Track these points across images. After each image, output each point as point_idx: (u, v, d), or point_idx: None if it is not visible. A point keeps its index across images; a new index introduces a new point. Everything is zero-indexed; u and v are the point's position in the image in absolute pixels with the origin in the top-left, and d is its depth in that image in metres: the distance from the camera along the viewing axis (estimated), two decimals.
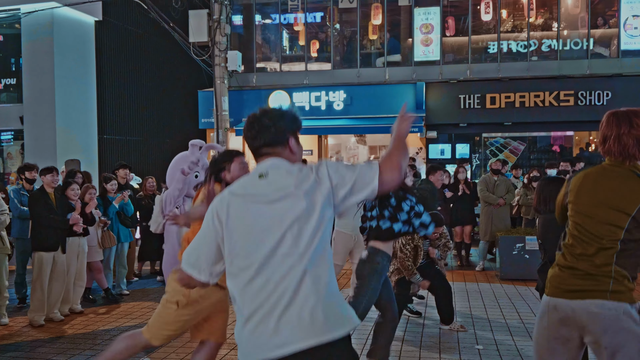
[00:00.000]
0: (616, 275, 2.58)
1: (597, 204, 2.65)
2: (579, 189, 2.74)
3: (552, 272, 2.78)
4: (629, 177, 2.63)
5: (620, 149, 2.64)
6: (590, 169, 2.78)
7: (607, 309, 2.55)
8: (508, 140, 15.01)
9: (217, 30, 13.92)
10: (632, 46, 13.89)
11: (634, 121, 2.63)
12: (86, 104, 14.91)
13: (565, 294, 2.65)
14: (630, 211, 2.56)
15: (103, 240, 7.46)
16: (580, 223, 2.70)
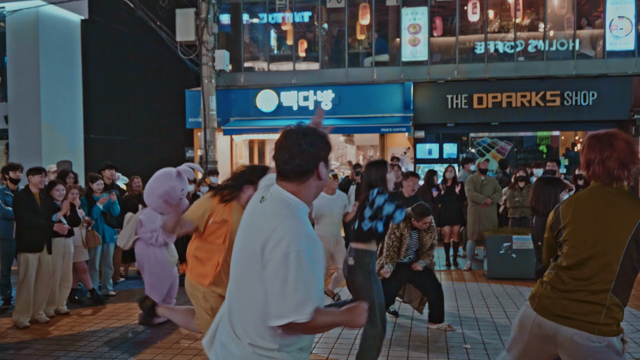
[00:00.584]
0: (610, 305, 2.58)
1: (595, 225, 2.65)
2: (574, 212, 2.74)
3: (543, 290, 2.76)
4: (620, 195, 2.66)
5: (605, 172, 2.68)
6: (580, 193, 2.80)
7: (591, 341, 2.56)
8: (495, 140, 15.10)
9: (204, 29, 13.86)
10: (618, 47, 14.02)
11: (615, 144, 2.68)
12: (72, 104, 14.78)
13: (553, 317, 2.65)
14: (630, 230, 2.57)
15: (87, 240, 7.39)
16: (577, 247, 2.69)
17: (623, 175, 2.67)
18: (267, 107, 14.98)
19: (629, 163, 2.67)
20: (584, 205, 2.72)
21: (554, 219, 2.83)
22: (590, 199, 2.72)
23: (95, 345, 5.70)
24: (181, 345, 5.66)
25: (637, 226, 2.56)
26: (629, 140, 2.71)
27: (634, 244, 2.57)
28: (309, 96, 14.89)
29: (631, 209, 2.61)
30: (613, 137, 2.70)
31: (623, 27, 13.92)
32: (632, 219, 2.58)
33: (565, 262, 2.71)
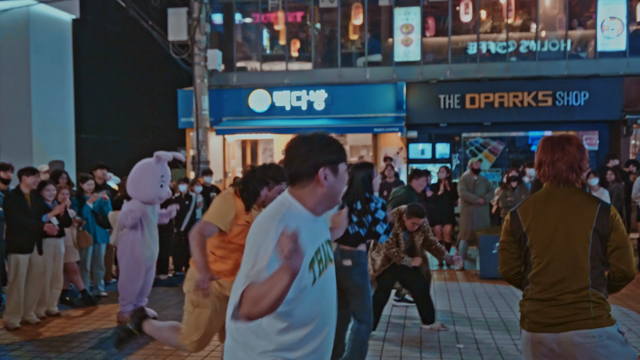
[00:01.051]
0: (594, 299, 2.58)
1: (557, 224, 2.68)
2: (534, 215, 2.75)
3: (527, 307, 2.73)
4: (576, 192, 2.74)
5: (554, 174, 2.75)
6: (535, 195, 2.84)
7: (592, 336, 2.55)
8: (487, 140, 15.14)
9: (196, 29, 13.81)
10: (609, 47, 14.09)
11: (566, 148, 2.75)
12: (63, 103, 14.69)
13: (547, 327, 2.63)
14: (591, 223, 2.63)
15: (79, 241, 7.34)
16: (544, 248, 2.69)
17: (571, 177, 2.74)
18: (259, 107, 14.95)
19: (577, 167, 2.74)
20: (542, 206, 2.75)
21: (514, 224, 2.80)
22: (546, 199, 2.76)
23: (86, 347, 5.66)
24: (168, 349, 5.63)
25: (596, 218, 2.62)
26: (580, 145, 2.79)
27: (596, 237, 2.63)
28: (301, 96, 14.87)
29: (587, 204, 2.68)
30: (566, 140, 2.78)
31: (614, 27, 13.99)
32: (590, 212, 2.64)
33: (537, 268, 2.71)
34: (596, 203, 2.67)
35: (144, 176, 6.08)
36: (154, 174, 6.04)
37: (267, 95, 14.95)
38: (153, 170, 6.07)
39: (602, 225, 2.62)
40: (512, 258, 2.87)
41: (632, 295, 7.49)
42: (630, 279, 2.69)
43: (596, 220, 2.62)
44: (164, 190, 6.18)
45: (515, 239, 2.82)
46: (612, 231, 2.63)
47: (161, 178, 6.08)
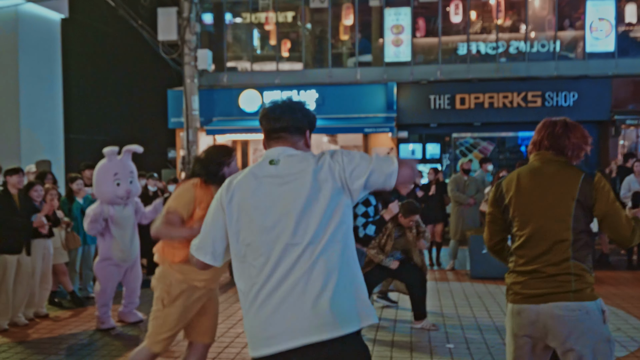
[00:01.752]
0: (576, 271, 2.57)
1: (539, 196, 2.67)
2: (517, 188, 2.74)
3: (510, 278, 2.75)
4: (559, 164, 2.71)
5: (558, 147, 2.74)
6: (521, 168, 2.82)
7: (571, 310, 2.55)
8: (477, 141, 15.20)
9: (186, 29, 13.76)
10: (598, 48, 14.20)
11: (570, 127, 2.76)
12: (52, 103, 14.58)
13: (528, 299, 2.63)
14: (574, 194, 2.59)
15: (67, 242, 7.29)
16: (526, 221, 2.69)
17: (570, 153, 2.74)
18: (250, 107, 14.92)
19: (577, 148, 2.74)
20: (525, 179, 2.74)
21: (498, 195, 2.81)
22: (531, 172, 2.75)
23: (75, 348, 5.62)
24: None
25: (579, 189, 2.60)
26: (584, 132, 2.79)
27: (579, 208, 2.60)
28: (292, 96, 14.85)
29: (571, 175, 2.65)
30: (571, 123, 2.79)
31: (603, 28, 14.10)
32: (573, 183, 2.61)
33: (519, 241, 2.71)
34: (580, 173, 2.64)
35: (98, 177, 6.00)
36: (106, 173, 5.91)
37: (258, 96, 14.93)
38: (105, 169, 5.94)
39: (585, 195, 2.59)
40: (497, 230, 2.87)
41: (621, 295, 7.55)
42: (627, 246, 2.69)
43: (579, 191, 2.59)
44: (121, 188, 5.89)
45: (499, 211, 2.82)
46: (597, 201, 2.60)
47: (114, 176, 5.86)
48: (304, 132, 2.31)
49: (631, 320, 6.32)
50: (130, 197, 6.01)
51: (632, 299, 7.34)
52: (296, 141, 2.28)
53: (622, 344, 5.53)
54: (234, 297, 7.54)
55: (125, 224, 6.05)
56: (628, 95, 14.06)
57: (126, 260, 6.11)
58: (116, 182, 5.87)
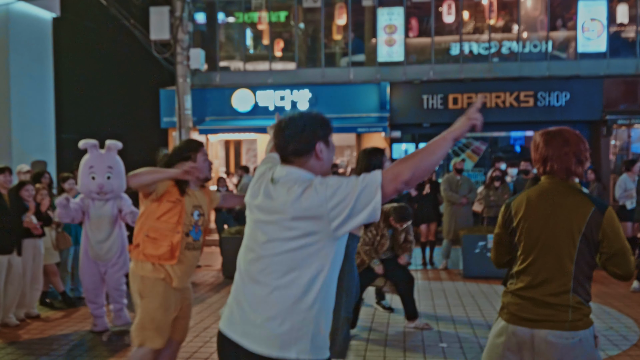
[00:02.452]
0: (573, 304, 2.58)
1: (546, 223, 2.64)
2: (525, 212, 2.70)
3: (509, 299, 2.74)
4: (571, 192, 2.65)
5: (564, 168, 2.68)
6: (530, 190, 2.77)
7: (565, 338, 2.55)
8: (470, 140, 15.23)
9: (179, 28, 13.71)
10: (589, 49, 14.26)
11: (569, 139, 2.69)
12: (43, 103, 14.50)
13: (524, 322, 2.64)
14: (581, 228, 2.56)
15: (58, 242, 7.24)
16: (531, 247, 2.67)
17: (579, 171, 2.69)
18: (243, 106, 14.90)
19: (583, 158, 2.69)
20: (535, 203, 2.70)
21: (506, 216, 2.78)
22: (540, 196, 2.70)
23: (67, 349, 5.58)
24: None
25: (587, 223, 2.56)
26: (580, 136, 2.74)
27: (585, 242, 2.57)
28: (285, 96, 14.85)
29: (581, 205, 2.60)
30: (567, 132, 2.72)
31: (595, 29, 14.17)
32: (582, 216, 2.57)
33: (522, 265, 2.70)
34: (590, 206, 2.58)
35: (80, 169, 5.93)
36: (83, 166, 5.79)
37: (251, 95, 14.90)
38: (83, 161, 5.86)
39: (592, 230, 2.56)
40: (504, 252, 2.85)
41: (614, 294, 7.58)
42: (627, 280, 2.67)
43: (586, 225, 2.55)
44: (94, 182, 5.68)
45: (507, 233, 2.80)
46: (605, 238, 2.55)
47: (90, 169, 5.69)
48: (312, 148, 2.30)
49: (623, 319, 6.35)
50: (104, 192, 5.72)
51: (624, 297, 7.38)
52: (304, 162, 2.31)
53: (614, 342, 5.55)
54: (226, 297, 7.52)
55: (100, 221, 5.79)
56: (619, 95, 14.14)
57: (101, 258, 5.84)
58: (91, 176, 5.68)
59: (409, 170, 2.13)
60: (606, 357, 5.16)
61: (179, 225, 3.77)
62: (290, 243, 2.16)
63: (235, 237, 8.64)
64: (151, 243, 3.77)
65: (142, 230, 3.83)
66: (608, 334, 5.84)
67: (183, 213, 3.80)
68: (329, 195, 2.11)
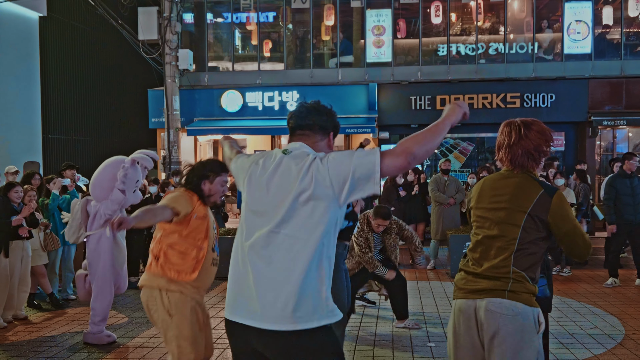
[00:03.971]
0: (514, 276, 2.63)
1: (494, 205, 2.74)
2: (479, 194, 2.82)
3: (457, 276, 2.85)
4: (525, 179, 2.73)
5: (510, 158, 2.76)
6: (489, 176, 2.90)
7: (504, 307, 2.59)
8: (457, 141, 15.33)
9: (167, 28, 13.67)
10: (575, 50, 14.41)
11: (523, 132, 2.74)
12: (29, 103, 14.39)
13: (468, 294, 2.71)
14: (526, 208, 2.64)
15: (46, 243, 7.21)
16: (479, 226, 2.78)
17: (527, 163, 2.74)
18: (231, 107, 14.88)
19: (535, 153, 2.73)
20: (488, 187, 2.81)
21: (468, 199, 2.96)
22: (495, 181, 2.81)
23: (55, 351, 5.57)
24: (144, 350, 5.58)
25: (533, 205, 2.63)
26: (542, 129, 2.77)
27: (530, 222, 2.64)
28: (274, 96, 14.86)
29: (529, 190, 2.68)
30: (525, 125, 2.76)
31: (580, 30, 14.32)
32: (529, 198, 2.65)
33: (472, 243, 2.81)
34: (539, 189, 2.66)
35: (107, 173, 5.68)
36: (128, 179, 5.57)
37: (239, 96, 14.89)
38: (127, 175, 5.60)
39: (539, 211, 2.62)
40: None
41: (599, 293, 7.68)
42: (582, 260, 2.77)
43: (532, 207, 2.63)
44: (136, 196, 5.79)
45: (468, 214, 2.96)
46: (553, 220, 2.63)
47: (136, 183, 5.69)
48: (327, 133, 2.47)
49: (608, 318, 6.44)
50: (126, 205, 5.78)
51: (609, 296, 7.48)
52: (318, 140, 2.45)
53: (599, 341, 5.63)
54: (215, 297, 7.53)
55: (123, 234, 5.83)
56: (604, 96, 14.30)
57: (122, 265, 5.81)
58: (133, 189, 5.66)
59: (416, 145, 2.26)
60: (591, 355, 5.24)
61: (205, 240, 3.74)
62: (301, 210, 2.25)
63: (224, 237, 8.63)
64: (178, 255, 3.68)
65: (163, 244, 3.72)
66: (593, 333, 5.92)
67: (210, 229, 3.78)
68: (332, 167, 2.23)
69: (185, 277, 3.67)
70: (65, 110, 16.09)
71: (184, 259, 3.69)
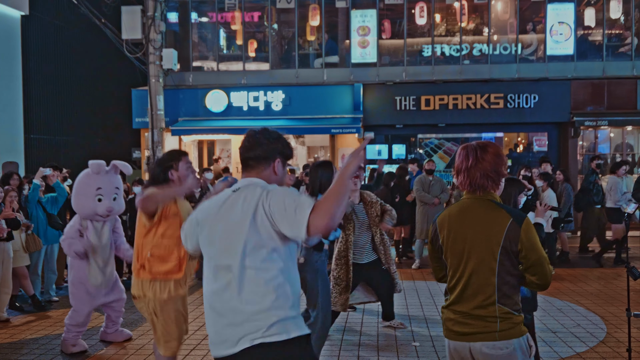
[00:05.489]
0: (500, 314, 2.65)
1: (466, 239, 2.73)
2: (448, 229, 2.81)
3: (445, 315, 2.84)
4: (489, 207, 2.74)
5: (469, 181, 2.78)
6: (452, 206, 2.88)
7: (499, 348, 2.63)
8: (442, 141, 15.41)
9: (151, 28, 13.58)
10: (557, 51, 14.55)
11: (479, 154, 2.77)
12: (11, 102, 14.21)
13: (459, 337, 2.73)
14: (499, 240, 2.64)
15: (28, 245, 7.12)
16: (456, 264, 2.77)
17: (486, 184, 2.75)
18: (216, 107, 14.82)
19: (493, 174, 2.75)
20: (455, 220, 2.80)
21: (433, 233, 2.90)
22: (460, 213, 2.80)
23: (37, 354, 5.50)
24: (127, 352, 5.54)
25: (505, 236, 2.64)
26: (497, 152, 2.80)
27: (505, 254, 2.66)
28: (259, 96, 14.82)
29: (498, 220, 2.68)
30: (480, 147, 2.80)
31: (563, 32, 14.47)
32: (500, 229, 2.66)
33: (452, 281, 2.81)
34: (507, 219, 2.67)
35: (78, 189, 5.38)
36: (87, 186, 5.32)
37: (224, 96, 14.83)
38: (86, 181, 5.36)
39: (510, 242, 2.64)
40: (438, 267, 2.96)
41: (581, 292, 7.77)
42: (544, 289, 2.80)
43: (504, 238, 2.64)
44: (102, 205, 5.30)
45: (435, 249, 2.91)
46: (524, 249, 2.64)
47: (97, 191, 5.29)
48: (270, 162, 2.54)
49: (590, 317, 6.51)
50: (111, 215, 5.44)
51: (591, 295, 7.56)
52: (262, 170, 2.54)
53: (581, 339, 5.70)
54: (200, 299, 7.48)
55: (100, 244, 5.44)
56: (586, 97, 14.46)
57: (101, 285, 5.48)
58: (97, 198, 5.28)
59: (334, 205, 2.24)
60: (574, 353, 5.30)
61: None
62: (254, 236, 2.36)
63: None
64: (158, 261, 3.85)
65: (145, 250, 3.87)
66: (576, 331, 5.99)
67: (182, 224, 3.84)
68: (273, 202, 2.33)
69: (174, 276, 3.88)
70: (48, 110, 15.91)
71: (167, 261, 3.86)
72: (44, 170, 7.53)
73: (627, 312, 4.41)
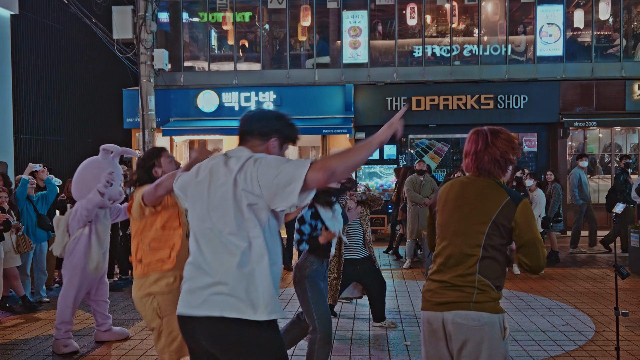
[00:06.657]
0: (479, 285, 2.65)
1: (459, 211, 2.75)
2: (446, 198, 2.83)
3: (425, 286, 2.85)
4: (490, 185, 2.76)
5: (476, 165, 2.78)
6: (455, 179, 2.89)
7: (471, 319, 2.62)
8: (433, 142, 15.48)
9: (142, 27, 13.55)
10: (547, 52, 14.67)
11: (490, 140, 2.78)
12: (0, 102, 14.13)
13: (434, 307, 2.72)
14: (491, 215, 2.65)
15: (18, 246, 7.10)
16: (444, 232, 2.79)
17: (494, 170, 2.76)
18: (207, 107, 14.81)
19: (502, 160, 2.76)
20: (455, 191, 2.81)
21: (434, 201, 2.95)
22: (461, 185, 2.82)
23: (29, 355, 5.49)
24: (119, 352, 5.54)
25: (498, 211, 2.65)
26: (509, 138, 2.81)
27: (494, 229, 2.66)
28: (250, 97, 14.82)
29: (494, 196, 2.70)
30: (492, 133, 2.81)
31: (552, 33, 14.58)
32: (495, 204, 2.67)
33: (438, 248, 2.81)
34: (505, 197, 2.68)
35: (90, 173, 5.37)
36: (99, 170, 5.33)
37: (215, 96, 14.82)
38: (99, 165, 5.40)
39: (503, 218, 2.65)
40: (432, 234, 2.98)
41: (570, 291, 7.84)
42: (535, 273, 2.76)
43: (497, 213, 2.65)
44: (114, 189, 5.41)
45: (431, 215, 2.96)
46: (517, 227, 2.65)
47: (109, 175, 5.31)
48: (267, 139, 2.50)
49: (579, 316, 6.58)
50: (119, 200, 5.59)
51: (580, 294, 7.64)
52: (256, 145, 2.50)
53: (570, 338, 5.76)
54: None
55: (104, 230, 5.56)
56: (575, 98, 14.59)
57: (99, 271, 5.55)
58: (109, 182, 5.32)
59: (337, 161, 2.26)
60: (563, 352, 5.36)
61: (180, 227, 3.86)
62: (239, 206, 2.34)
63: None
64: (152, 253, 3.83)
65: (143, 244, 3.84)
66: (564, 329, 6.05)
67: (182, 216, 3.87)
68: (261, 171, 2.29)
69: (165, 266, 3.82)
70: (38, 110, 15.81)
71: (160, 249, 3.84)
72: (34, 166, 7.51)
73: (616, 311, 4.46)
